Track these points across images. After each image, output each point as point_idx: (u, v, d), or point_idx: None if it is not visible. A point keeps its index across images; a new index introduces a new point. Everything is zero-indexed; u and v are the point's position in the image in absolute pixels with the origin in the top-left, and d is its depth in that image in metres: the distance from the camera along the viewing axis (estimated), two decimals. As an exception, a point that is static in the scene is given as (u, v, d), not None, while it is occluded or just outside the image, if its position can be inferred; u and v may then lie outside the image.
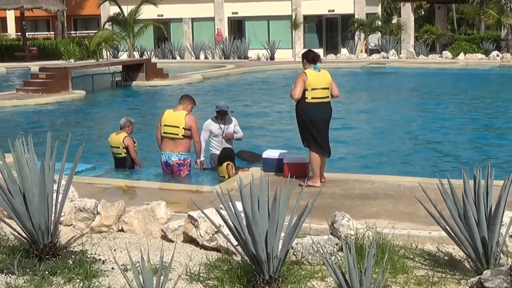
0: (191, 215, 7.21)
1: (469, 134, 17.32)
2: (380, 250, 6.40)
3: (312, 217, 7.19)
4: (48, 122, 20.53)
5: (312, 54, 10.40)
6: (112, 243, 7.24)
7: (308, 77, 10.06)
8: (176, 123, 11.44)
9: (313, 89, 10.08)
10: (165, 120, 11.59)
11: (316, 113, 10.16)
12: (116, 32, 41.89)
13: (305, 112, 10.14)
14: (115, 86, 29.62)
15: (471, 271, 6.23)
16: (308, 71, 10.14)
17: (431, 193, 6.54)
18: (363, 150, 15.31)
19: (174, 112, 11.61)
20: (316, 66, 10.25)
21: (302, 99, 10.08)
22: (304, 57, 10.34)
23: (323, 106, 10.22)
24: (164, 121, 11.59)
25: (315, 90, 10.10)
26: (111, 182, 10.91)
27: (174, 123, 11.46)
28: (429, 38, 43.61)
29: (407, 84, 30.69)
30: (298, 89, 10.02)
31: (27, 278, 6.14)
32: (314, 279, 6.13)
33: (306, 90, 10.05)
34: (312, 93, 10.09)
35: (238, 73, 34.81)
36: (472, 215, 6.11)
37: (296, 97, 10.06)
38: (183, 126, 11.41)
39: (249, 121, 20.00)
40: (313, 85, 10.08)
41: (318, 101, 10.14)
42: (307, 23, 47.85)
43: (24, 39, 47.18)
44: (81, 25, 67.58)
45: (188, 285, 6.02)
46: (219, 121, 12.28)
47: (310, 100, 10.10)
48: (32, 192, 6.47)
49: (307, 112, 10.13)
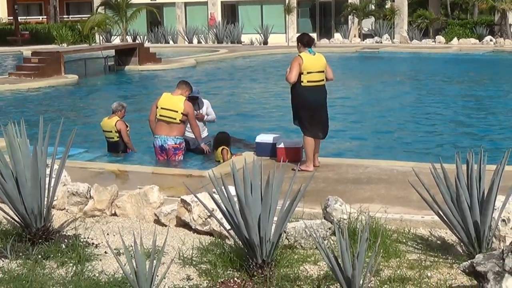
0: (184, 199, 7.21)
1: (462, 119, 17.33)
2: (373, 234, 6.41)
3: (305, 202, 7.19)
4: (41, 107, 20.45)
5: (306, 37, 10.37)
6: (105, 227, 7.25)
7: (304, 60, 10.04)
8: (175, 108, 11.42)
9: (309, 73, 10.08)
10: (163, 103, 11.54)
11: (312, 96, 10.16)
12: (109, 16, 41.75)
13: (301, 95, 10.13)
14: (108, 70, 29.55)
15: (463, 255, 6.26)
16: (303, 54, 10.12)
17: (424, 178, 6.55)
18: (356, 135, 15.30)
19: (172, 96, 11.59)
20: (311, 49, 10.24)
21: (298, 82, 10.07)
22: (299, 41, 10.32)
23: (318, 89, 10.22)
24: (162, 104, 11.54)
25: (311, 74, 10.09)
26: (104, 166, 10.90)
27: (172, 107, 11.43)
28: (423, 23, 43.62)
29: (400, 69, 30.67)
30: (294, 72, 10.00)
31: (20, 262, 6.14)
32: (307, 263, 6.14)
33: (302, 73, 10.03)
34: (308, 77, 10.08)
35: (231, 57, 34.76)
36: (464, 200, 6.12)
37: (292, 81, 10.04)
38: (181, 111, 11.39)
39: (242, 106, 20.02)
40: (309, 69, 10.06)
41: (313, 85, 10.13)
42: (300, 8, 47.76)
43: (16, 23, 47.01)
44: (74, 9, 67.37)
45: (181, 269, 6.02)
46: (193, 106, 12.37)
47: (306, 84, 10.09)
48: (24, 176, 6.45)
49: (303, 95, 10.12)
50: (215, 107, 13.23)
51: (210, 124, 12.97)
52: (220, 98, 21.45)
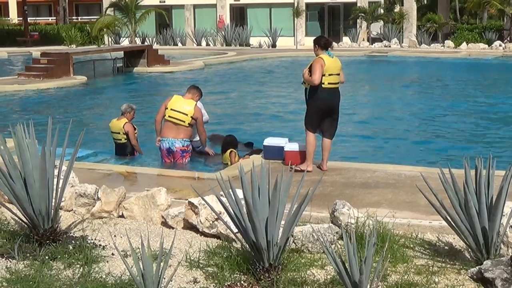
0: (191, 201, 7.21)
1: (471, 124, 17.29)
2: (380, 239, 6.40)
3: (313, 205, 7.19)
4: (49, 108, 20.50)
5: (323, 40, 10.37)
6: (112, 229, 7.25)
7: (326, 62, 10.04)
8: (185, 111, 11.45)
9: (330, 75, 10.09)
10: (173, 105, 11.55)
11: (331, 98, 10.20)
12: (118, 18, 41.78)
13: (321, 97, 10.13)
14: (116, 72, 29.59)
15: (471, 261, 6.24)
16: (324, 56, 10.10)
17: (432, 183, 6.54)
18: (364, 139, 15.29)
19: (183, 99, 11.62)
20: (329, 52, 10.24)
21: (319, 84, 10.06)
22: (316, 43, 10.29)
23: (335, 91, 10.28)
24: (172, 105, 11.55)
25: (331, 76, 10.11)
26: (112, 168, 10.90)
27: (183, 110, 11.46)
28: (432, 27, 43.52)
29: (409, 73, 30.63)
30: (318, 74, 9.97)
31: (27, 262, 6.14)
32: (314, 267, 6.13)
33: (324, 75, 10.03)
34: (329, 79, 10.09)
35: (239, 60, 34.76)
36: (473, 205, 6.10)
37: (317, 82, 9.99)
38: (191, 115, 11.43)
39: (249, 108, 20.00)
40: (330, 71, 10.08)
41: (332, 87, 10.17)
42: (309, 11, 47.73)
43: (26, 24, 47.12)
44: (83, 11, 67.58)
45: (188, 272, 6.02)
46: None
47: (327, 86, 10.10)
48: (32, 177, 6.46)
49: (323, 97, 10.14)
50: (222, 109, 13.21)
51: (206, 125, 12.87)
52: (228, 101, 21.48)
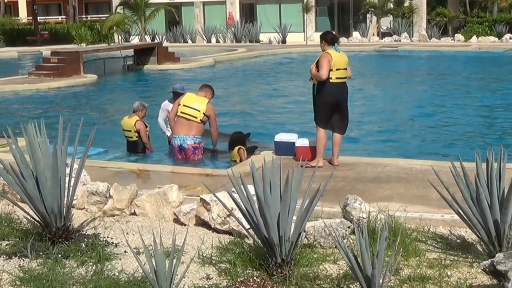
0: (203, 198, 7.22)
1: (482, 117, 17.26)
2: (392, 233, 6.39)
3: (324, 200, 7.19)
4: (60, 106, 20.56)
5: (330, 35, 10.39)
6: (124, 227, 7.27)
7: (332, 57, 10.05)
8: (198, 107, 11.51)
9: (337, 69, 10.11)
10: (186, 101, 11.61)
11: (339, 93, 10.24)
12: (128, 16, 41.82)
13: (329, 92, 10.16)
14: (126, 70, 29.66)
15: (483, 254, 6.23)
16: (331, 51, 10.13)
17: (443, 176, 6.52)
18: (375, 133, 15.28)
19: (196, 96, 11.70)
20: (336, 47, 10.24)
21: (327, 79, 10.07)
22: (323, 39, 10.31)
23: (343, 85, 10.31)
24: (185, 101, 11.61)
25: (339, 71, 10.14)
26: (123, 165, 10.92)
27: (195, 106, 11.52)
28: (441, 21, 43.39)
29: (419, 67, 30.58)
30: (326, 69, 9.99)
31: (40, 261, 6.17)
32: (327, 262, 6.13)
33: (331, 70, 10.06)
34: (337, 73, 10.12)
35: (249, 56, 34.76)
36: (484, 198, 6.09)
37: (325, 77, 10.01)
38: (204, 111, 11.49)
39: (260, 104, 20.00)
40: (337, 66, 10.10)
41: (340, 81, 10.20)
42: (318, 6, 47.66)
43: (35, 23, 47.25)
44: (93, 9, 67.68)
45: (201, 268, 6.03)
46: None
47: (334, 80, 10.13)
48: (44, 176, 6.48)
49: (331, 92, 10.16)
50: (233, 105, 13.23)
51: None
52: (238, 97, 21.49)
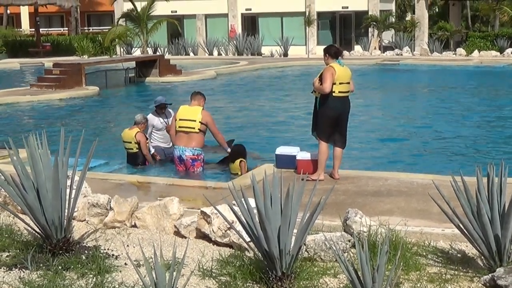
0: (204, 211, 7.22)
1: (483, 131, 17.25)
2: (393, 247, 6.39)
3: (325, 214, 7.19)
4: (62, 118, 20.58)
5: (334, 49, 10.42)
6: (125, 239, 7.27)
7: (336, 71, 10.08)
8: (193, 117, 11.54)
9: (341, 83, 10.13)
10: (181, 115, 11.67)
11: (342, 106, 10.26)
12: (130, 28, 41.86)
13: (332, 106, 10.18)
14: (128, 82, 29.70)
15: (484, 269, 6.22)
16: (334, 65, 10.15)
17: (444, 190, 6.53)
18: (376, 147, 15.28)
19: (189, 107, 11.75)
20: (340, 60, 10.27)
21: (330, 93, 10.09)
22: (326, 52, 10.33)
23: (346, 100, 10.34)
24: (180, 115, 11.67)
25: (342, 85, 10.16)
26: (124, 178, 10.94)
27: (190, 117, 11.56)
28: (443, 35, 43.43)
29: (421, 81, 30.59)
30: (329, 82, 10.02)
31: (40, 273, 6.16)
32: (327, 276, 6.13)
33: (334, 84, 10.08)
34: (340, 87, 10.14)
35: (251, 69, 34.80)
36: (485, 213, 6.09)
37: (328, 90, 10.04)
38: (199, 120, 11.51)
39: (261, 117, 20.01)
40: (340, 79, 10.13)
41: (343, 95, 10.23)
42: (320, 20, 47.74)
43: (38, 35, 47.34)
44: (95, 21, 67.80)
45: (201, 281, 6.03)
46: (160, 115, 13.03)
47: (338, 94, 10.15)
48: (45, 188, 6.49)
49: (334, 106, 10.18)
50: (234, 118, 13.26)
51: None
52: (240, 110, 21.49)
